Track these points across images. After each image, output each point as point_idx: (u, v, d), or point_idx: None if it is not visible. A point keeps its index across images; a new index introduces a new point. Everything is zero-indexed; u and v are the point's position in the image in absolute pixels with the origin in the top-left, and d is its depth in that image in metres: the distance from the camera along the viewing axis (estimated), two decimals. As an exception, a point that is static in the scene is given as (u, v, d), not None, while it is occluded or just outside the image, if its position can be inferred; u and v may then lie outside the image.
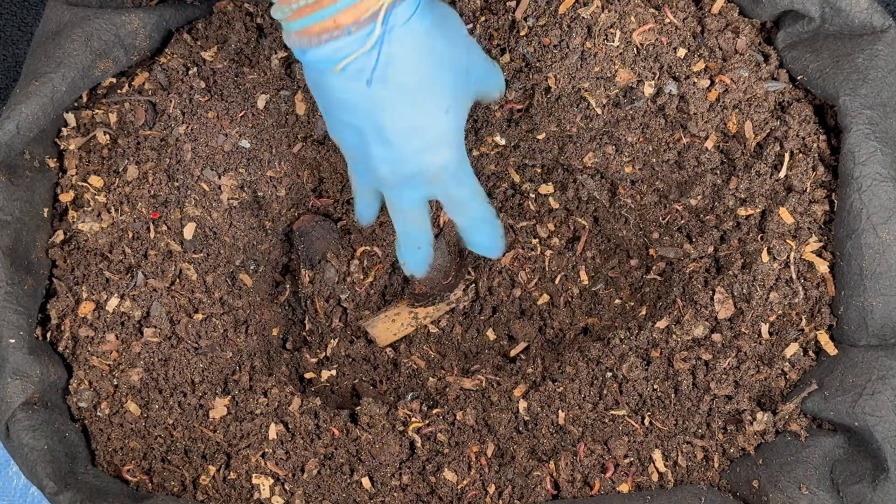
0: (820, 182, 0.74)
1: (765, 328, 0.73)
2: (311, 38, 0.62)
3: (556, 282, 0.87)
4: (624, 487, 0.72)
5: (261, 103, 0.80)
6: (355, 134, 0.66)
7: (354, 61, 0.62)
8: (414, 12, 0.63)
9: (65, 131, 0.78)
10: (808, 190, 0.74)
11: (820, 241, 0.73)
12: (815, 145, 0.74)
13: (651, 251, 0.83)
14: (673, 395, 0.73)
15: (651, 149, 0.80)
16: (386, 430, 0.74)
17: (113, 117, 0.78)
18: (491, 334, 0.86)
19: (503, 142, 0.82)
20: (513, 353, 0.85)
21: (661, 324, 0.75)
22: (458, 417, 0.75)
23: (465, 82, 0.68)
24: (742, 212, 0.76)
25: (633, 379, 0.74)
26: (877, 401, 0.67)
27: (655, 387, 0.74)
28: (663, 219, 0.81)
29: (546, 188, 0.85)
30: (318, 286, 0.87)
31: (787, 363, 0.73)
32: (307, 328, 0.87)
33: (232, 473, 0.73)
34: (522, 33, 0.77)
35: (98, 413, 0.73)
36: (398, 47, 0.62)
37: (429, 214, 0.72)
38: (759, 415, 0.72)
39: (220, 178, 0.80)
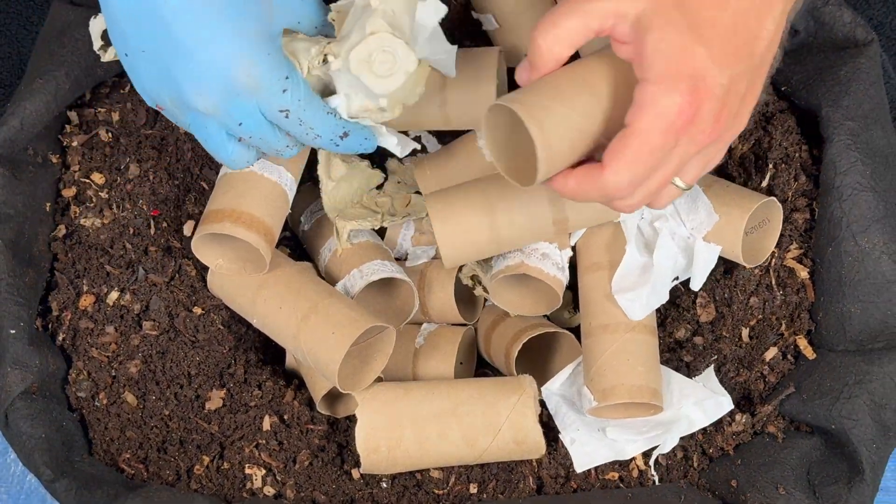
0: (801, 191, 0.75)
1: (745, 332, 0.74)
2: None
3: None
4: (613, 475, 0.73)
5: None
6: (149, 48, 0.61)
7: None
8: None
9: (68, 128, 0.79)
10: (789, 198, 0.75)
11: (800, 248, 0.75)
12: (797, 155, 0.76)
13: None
14: (654, 395, 0.75)
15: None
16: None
17: (115, 116, 0.80)
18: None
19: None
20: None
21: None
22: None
23: None
24: (725, 219, 0.77)
25: (616, 379, 0.75)
26: (853, 404, 0.69)
27: (637, 387, 0.75)
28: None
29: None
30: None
31: (766, 366, 0.74)
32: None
33: (225, 464, 0.74)
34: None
35: (96, 403, 0.74)
36: None
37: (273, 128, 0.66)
38: (738, 416, 0.73)
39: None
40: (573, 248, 0.76)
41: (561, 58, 0.57)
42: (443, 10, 0.64)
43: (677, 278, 0.74)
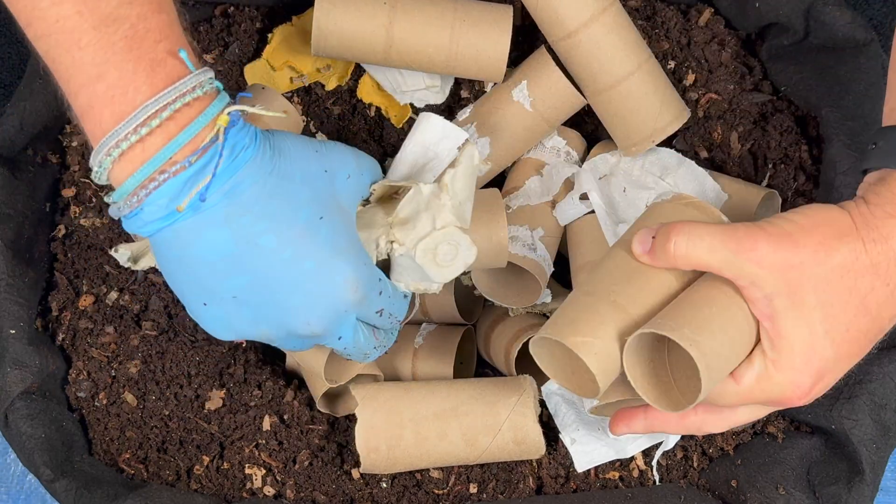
0: (801, 191, 0.75)
1: (745, 332, 0.74)
2: (144, 188, 0.54)
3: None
4: (613, 475, 0.73)
5: (260, 105, 0.81)
6: (243, 293, 0.58)
7: (206, 192, 0.55)
8: (245, 136, 0.57)
9: (68, 128, 0.79)
10: (789, 198, 0.75)
11: (800, 248, 0.75)
12: (796, 155, 0.76)
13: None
14: (654, 395, 0.75)
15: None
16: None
17: (115, 116, 0.80)
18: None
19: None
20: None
21: (645, 325, 0.76)
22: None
23: (327, 184, 0.61)
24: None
25: (616, 379, 0.76)
26: (854, 405, 0.69)
27: (637, 386, 0.75)
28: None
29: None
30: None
31: (766, 366, 0.74)
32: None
33: (225, 464, 0.74)
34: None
35: (96, 403, 0.74)
36: (245, 173, 0.56)
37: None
38: (738, 416, 0.73)
39: (218, 176, 0.82)
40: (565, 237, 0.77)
41: (682, 266, 0.60)
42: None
43: None
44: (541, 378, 0.76)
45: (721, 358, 0.58)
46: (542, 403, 0.75)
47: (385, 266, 0.66)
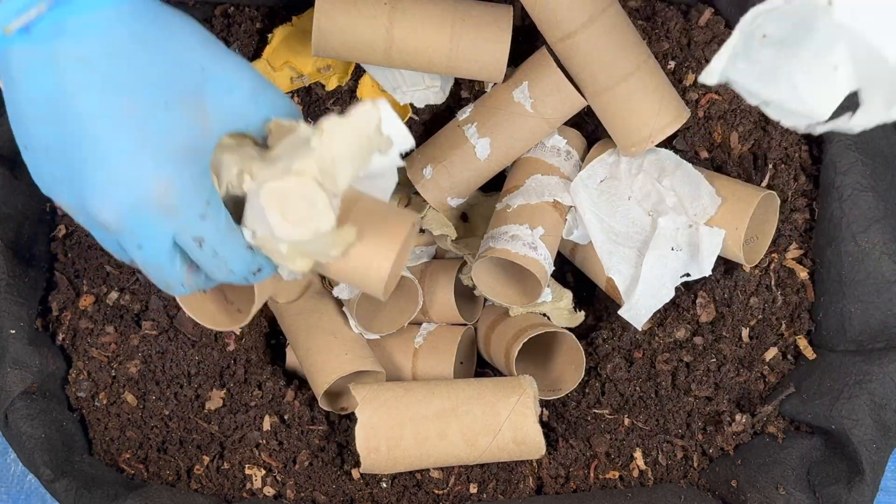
0: (801, 191, 0.75)
1: (745, 332, 0.74)
2: None
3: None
4: (613, 474, 0.74)
5: (260, 105, 0.81)
6: (55, 147, 0.53)
7: (39, 23, 0.50)
8: None
9: (68, 128, 0.79)
10: (789, 198, 0.75)
11: (800, 248, 0.75)
12: (797, 155, 0.76)
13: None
14: (654, 396, 0.75)
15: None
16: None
17: (115, 115, 0.80)
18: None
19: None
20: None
21: (645, 325, 0.76)
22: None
23: (197, 82, 0.54)
24: (725, 218, 0.77)
25: (616, 379, 0.76)
26: (853, 405, 0.69)
27: (637, 387, 0.75)
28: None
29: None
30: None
31: (766, 366, 0.74)
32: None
33: (226, 464, 0.74)
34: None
35: (96, 403, 0.74)
36: (95, 17, 0.51)
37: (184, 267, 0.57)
38: (738, 416, 0.73)
39: (218, 176, 0.82)
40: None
41: None
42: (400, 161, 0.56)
43: (688, 274, 0.74)
44: (541, 378, 0.76)
45: None
46: (542, 403, 0.75)
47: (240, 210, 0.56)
